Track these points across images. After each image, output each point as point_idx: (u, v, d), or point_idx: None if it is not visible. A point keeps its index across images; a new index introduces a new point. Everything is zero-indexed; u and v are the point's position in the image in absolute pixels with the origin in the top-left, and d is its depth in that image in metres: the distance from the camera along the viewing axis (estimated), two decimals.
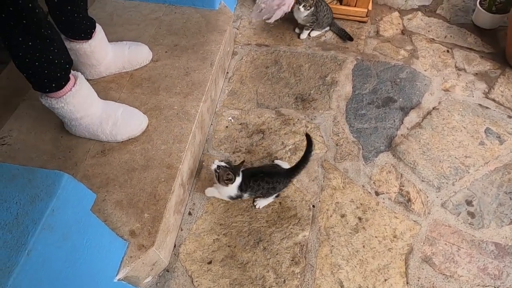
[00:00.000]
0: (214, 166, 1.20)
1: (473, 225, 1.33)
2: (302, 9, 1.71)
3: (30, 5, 0.88)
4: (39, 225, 0.68)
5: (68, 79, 1.09)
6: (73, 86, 1.10)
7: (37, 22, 0.93)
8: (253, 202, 1.37)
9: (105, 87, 1.41)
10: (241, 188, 1.24)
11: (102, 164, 1.21)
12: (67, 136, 1.26)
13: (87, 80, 1.40)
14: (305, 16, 1.76)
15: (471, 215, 1.35)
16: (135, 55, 1.41)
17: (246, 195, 1.28)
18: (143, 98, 1.39)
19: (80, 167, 1.20)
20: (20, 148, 1.22)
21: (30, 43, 0.94)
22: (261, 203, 1.35)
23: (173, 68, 1.48)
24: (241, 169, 1.22)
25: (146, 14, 1.69)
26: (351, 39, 1.89)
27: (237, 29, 1.97)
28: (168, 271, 1.23)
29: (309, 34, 1.90)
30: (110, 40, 1.44)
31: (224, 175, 1.18)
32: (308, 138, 1.28)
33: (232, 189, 1.23)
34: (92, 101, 1.18)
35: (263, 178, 1.25)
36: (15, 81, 1.43)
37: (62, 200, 0.72)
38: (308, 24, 1.82)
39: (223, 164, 1.20)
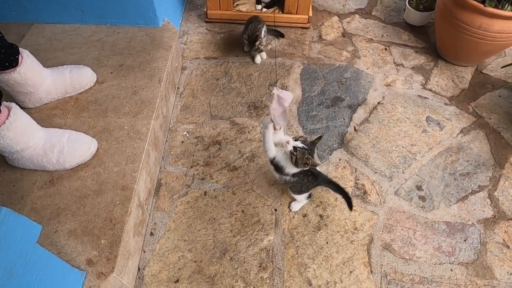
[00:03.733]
0: (289, 148, 1.10)
1: (424, 208, 1.41)
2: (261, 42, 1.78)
3: None
4: None
5: None
6: (6, 118, 1.03)
7: None
8: (288, 206, 1.40)
9: (49, 114, 1.36)
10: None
11: (51, 194, 1.15)
12: (10, 169, 1.19)
13: (29, 108, 1.35)
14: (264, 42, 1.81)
15: (422, 199, 1.44)
16: (77, 78, 1.37)
17: (287, 178, 1.23)
18: (91, 121, 1.35)
19: (27, 201, 1.14)
20: None
21: None
22: (296, 206, 1.38)
23: (120, 88, 1.46)
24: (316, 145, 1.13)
25: (87, 36, 1.65)
26: (282, 35, 2.03)
27: (184, 44, 1.98)
28: None
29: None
30: (50, 66, 1.40)
31: (303, 158, 1.08)
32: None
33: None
34: (32, 132, 1.12)
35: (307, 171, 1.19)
36: None
37: (1, 235, 0.68)
38: (261, 47, 1.84)
39: (300, 144, 1.09)
